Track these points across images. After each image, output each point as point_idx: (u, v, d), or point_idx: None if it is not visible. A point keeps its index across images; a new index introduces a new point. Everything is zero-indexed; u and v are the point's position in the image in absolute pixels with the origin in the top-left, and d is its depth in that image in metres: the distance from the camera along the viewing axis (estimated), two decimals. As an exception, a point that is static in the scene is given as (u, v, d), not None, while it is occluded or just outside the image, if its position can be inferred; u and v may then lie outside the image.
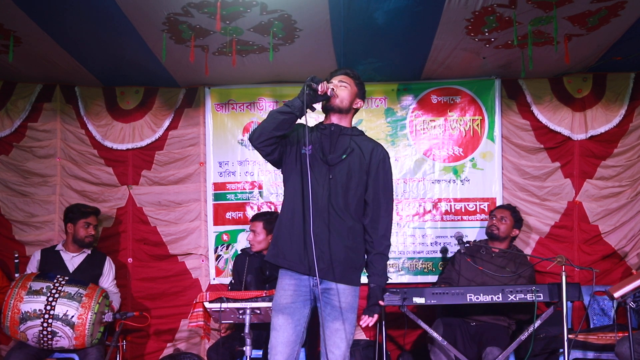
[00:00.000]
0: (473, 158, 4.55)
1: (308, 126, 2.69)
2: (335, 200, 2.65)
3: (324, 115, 2.83)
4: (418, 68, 4.34)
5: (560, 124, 4.46)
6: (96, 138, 4.64)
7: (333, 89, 2.70)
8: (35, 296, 3.52)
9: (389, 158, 2.79)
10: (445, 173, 4.57)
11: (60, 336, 3.51)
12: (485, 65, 4.27)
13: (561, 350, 3.47)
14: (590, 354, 3.71)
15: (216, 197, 4.64)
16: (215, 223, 4.63)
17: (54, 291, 3.55)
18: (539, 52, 3.91)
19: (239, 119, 4.66)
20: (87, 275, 4.08)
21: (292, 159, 2.74)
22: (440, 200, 4.56)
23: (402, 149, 4.60)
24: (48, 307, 3.50)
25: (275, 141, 2.66)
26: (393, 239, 4.45)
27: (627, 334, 3.14)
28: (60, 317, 3.50)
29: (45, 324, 3.49)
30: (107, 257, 4.29)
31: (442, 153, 4.58)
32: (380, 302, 2.72)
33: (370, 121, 4.61)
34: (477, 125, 4.57)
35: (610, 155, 4.45)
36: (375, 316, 2.69)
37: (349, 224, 2.65)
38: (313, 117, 2.89)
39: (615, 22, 3.53)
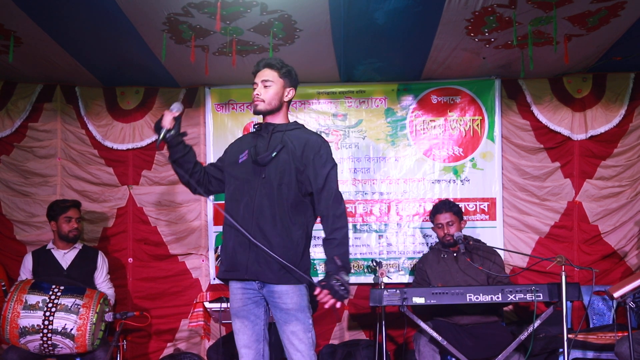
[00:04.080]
0: (473, 158, 4.56)
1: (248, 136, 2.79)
2: (270, 199, 2.63)
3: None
4: (418, 68, 4.35)
5: (560, 124, 4.47)
6: (96, 138, 4.64)
7: (181, 106, 2.76)
8: (31, 311, 3.46)
9: (325, 147, 2.73)
10: (445, 173, 4.57)
11: (61, 347, 3.51)
12: (485, 65, 4.27)
13: (561, 350, 3.47)
14: (590, 354, 3.72)
15: (216, 196, 4.63)
16: (216, 223, 4.62)
17: (50, 305, 3.49)
18: (539, 52, 3.91)
19: (239, 119, 4.66)
20: (82, 271, 4.10)
21: (228, 173, 2.81)
22: (440, 200, 4.55)
23: (402, 149, 4.61)
24: (46, 322, 3.46)
25: (203, 179, 2.83)
26: (393, 239, 4.55)
27: (626, 334, 3.15)
28: (59, 331, 3.46)
29: (45, 338, 3.45)
30: (99, 252, 4.30)
31: (442, 153, 4.58)
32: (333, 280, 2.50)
33: (370, 121, 4.62)
34: (477, 125, 4.57)
35: (610, 155, 4.45)
36: (324, 292, 2.48)
37: (286, 221, 2.62)
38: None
39: (615, 23, 3.53)
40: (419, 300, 3.48)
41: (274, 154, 2.67)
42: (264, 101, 2.72)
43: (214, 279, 4.60)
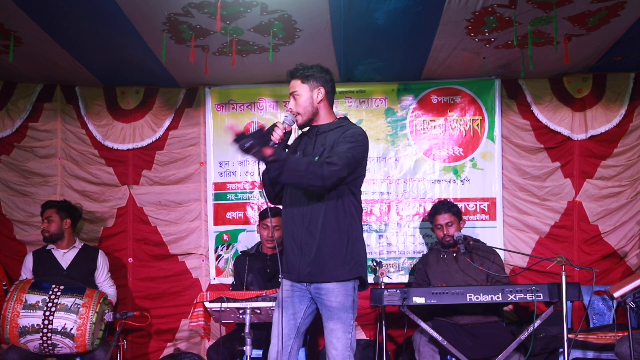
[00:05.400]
0: (473, 158, 4.56)
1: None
2: (315, 200, 2.69)
3: None
4: (418, 68, 4.35)
5: (560, 124, 4.47)
6: (97, 138, 4.64)
7: (293, 117, 2.75)
8: (31, 311, 3.47)
9: (358, 132, 2.74)
10: (445, 173, 4.57)
11: (61, 347, 3.51)
12: (485, 65, 4.27)
13: (561, 349, 3.47)
14: (590, 354, 3.72)
15: (216, 197, 4.65)
16: (216, 223, 4.63)
17: (50, 304, 3.50)
18: (539, 52, 3.91)
19: (239, 119, 4.66)
20: (82, 270, 4.11)
21: None
22: (439, 200, 4.55)
23: (402, 149, 4.61)
24: (46, 322, 3.46)
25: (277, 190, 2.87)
26: (393, 239, 4.56)
27: (626, 334, 3.15)
28: (59, 330, 3.46)
29: (44, 337, 3.46)
30: (100, 251, 4.32)
31: (442, 153, 4.58)
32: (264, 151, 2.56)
33: (370, 121, 4.62)
34: (477, 125, 4.57)
35: (610, 155, 4.45)
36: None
37: (330, 218, 2.68)
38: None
39: (615, 22, 3.53)
40: (419, 300, 3.49)
41: (317, 158, 2.70)
42: (299, 113, 2.78)
43: (214, 278, 4.60)
